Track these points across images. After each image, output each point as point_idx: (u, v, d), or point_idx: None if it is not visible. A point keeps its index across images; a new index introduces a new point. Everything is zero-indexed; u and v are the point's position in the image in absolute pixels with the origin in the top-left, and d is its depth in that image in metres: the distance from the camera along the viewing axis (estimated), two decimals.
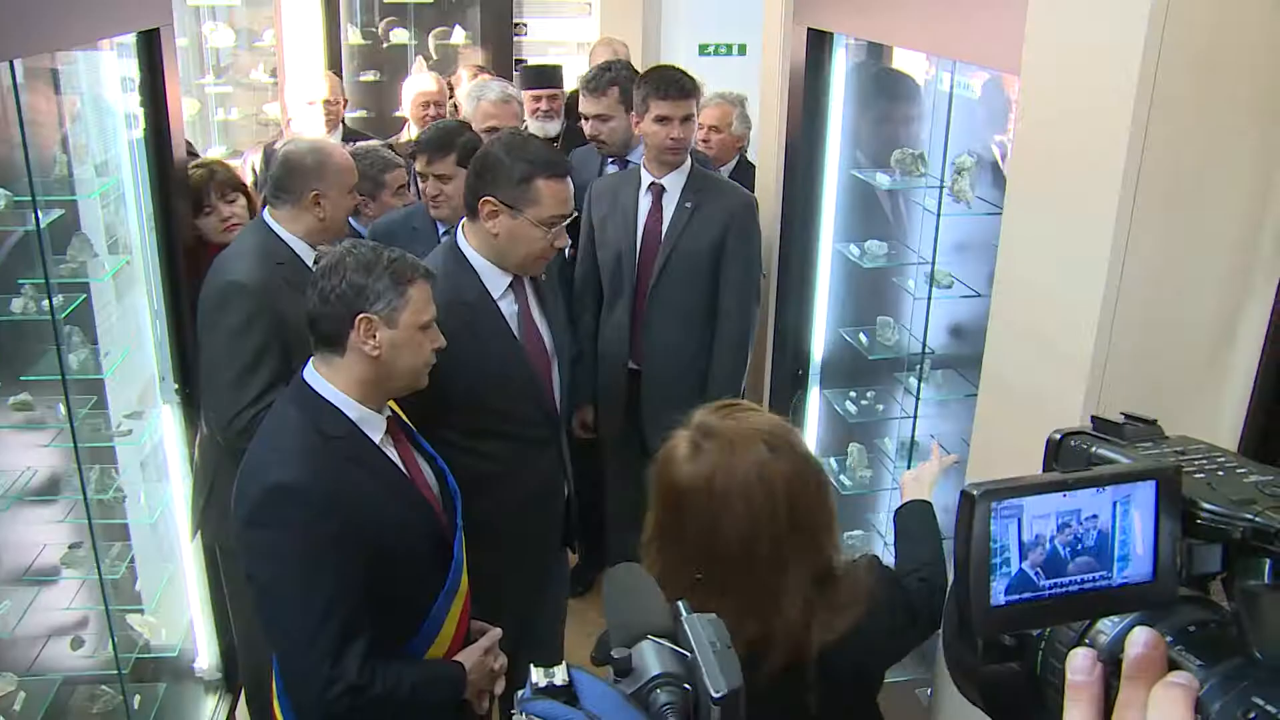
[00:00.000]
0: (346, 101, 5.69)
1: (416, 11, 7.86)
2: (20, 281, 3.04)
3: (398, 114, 6.51)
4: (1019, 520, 0.74)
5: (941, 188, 3.14)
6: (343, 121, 5.35)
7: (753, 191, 4.08)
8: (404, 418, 2.47)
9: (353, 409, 2.22)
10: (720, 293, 3.73)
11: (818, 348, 4.08)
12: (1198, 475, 0.81)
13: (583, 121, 4.21)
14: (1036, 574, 0.75)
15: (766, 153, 4.19)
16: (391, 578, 2.20)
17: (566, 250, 3.32)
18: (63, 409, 3.12)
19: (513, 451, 2.86)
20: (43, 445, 3.27)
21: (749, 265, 3.76)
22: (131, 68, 3.44)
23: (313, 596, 2.06)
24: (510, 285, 2.80)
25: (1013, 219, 1.96)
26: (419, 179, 3.71)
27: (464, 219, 2.81)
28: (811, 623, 1.71)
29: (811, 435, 4.19)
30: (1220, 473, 0.81)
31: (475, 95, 4.09)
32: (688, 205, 3.70)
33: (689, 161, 3.77)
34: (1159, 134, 1.57)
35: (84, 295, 3.27)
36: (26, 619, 3.14)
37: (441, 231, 3.62)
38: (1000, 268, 2.01)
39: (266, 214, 3.17)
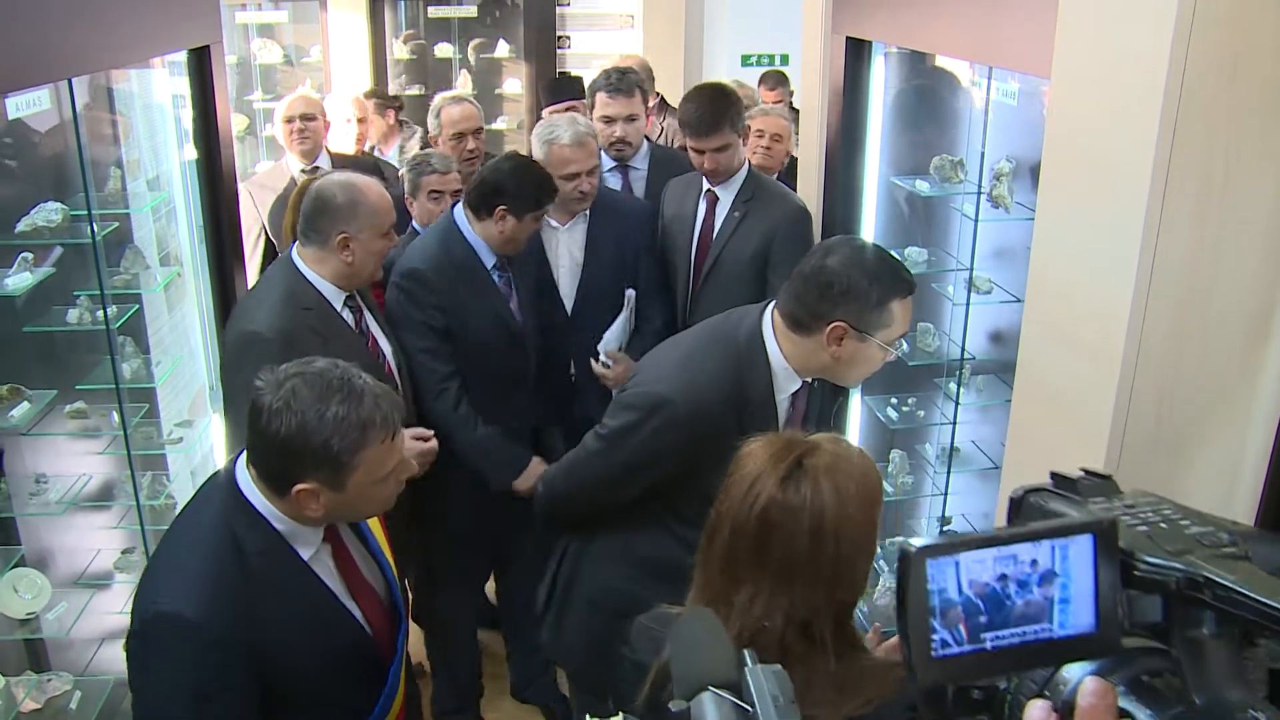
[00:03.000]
0: (330, 124, 5.09)
1: (461, 26, 7.97)
2: (76, 293, 3.12)
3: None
4: (957, 575, 0.77)
5: (979, 193, 3.14)
6: (326, 148, 4.90)
7: None
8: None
9: (281, 522, 1.93)
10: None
11: None
12: (1139, 528, 0.82)
13: (600, 124, 4.06)
14: (969, 628, 0.77)
15: (807, 161, 4.20)
16: (304, 703, 1.99)
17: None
18: (116, 417, 3.20)
19: None
20: (97, 453, 3.35)
21: None
22: (182, 85, 3.53)
23: None
24: (796, 390, 2.57)
25: (1045, 221, 1.97)
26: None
27: (770, 314, 2.53)
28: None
29: (854, 443, 4.18)
30: (1163, 525, 0.83)
31: (545, 139, 3.60)
32: (735, 215, 3.72)
33: (745, 170, 3.79)
34: (1187, 135, 1.58)
35: (136, 306, 3.35)
36: (81, 622, 3.22)
37: (490, 264, 3.44)
38: (1033, 269, 2.02)
39: (295, 252, 2.97)
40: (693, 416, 2.42)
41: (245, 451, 1.95)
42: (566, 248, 3.71)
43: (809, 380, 2.57)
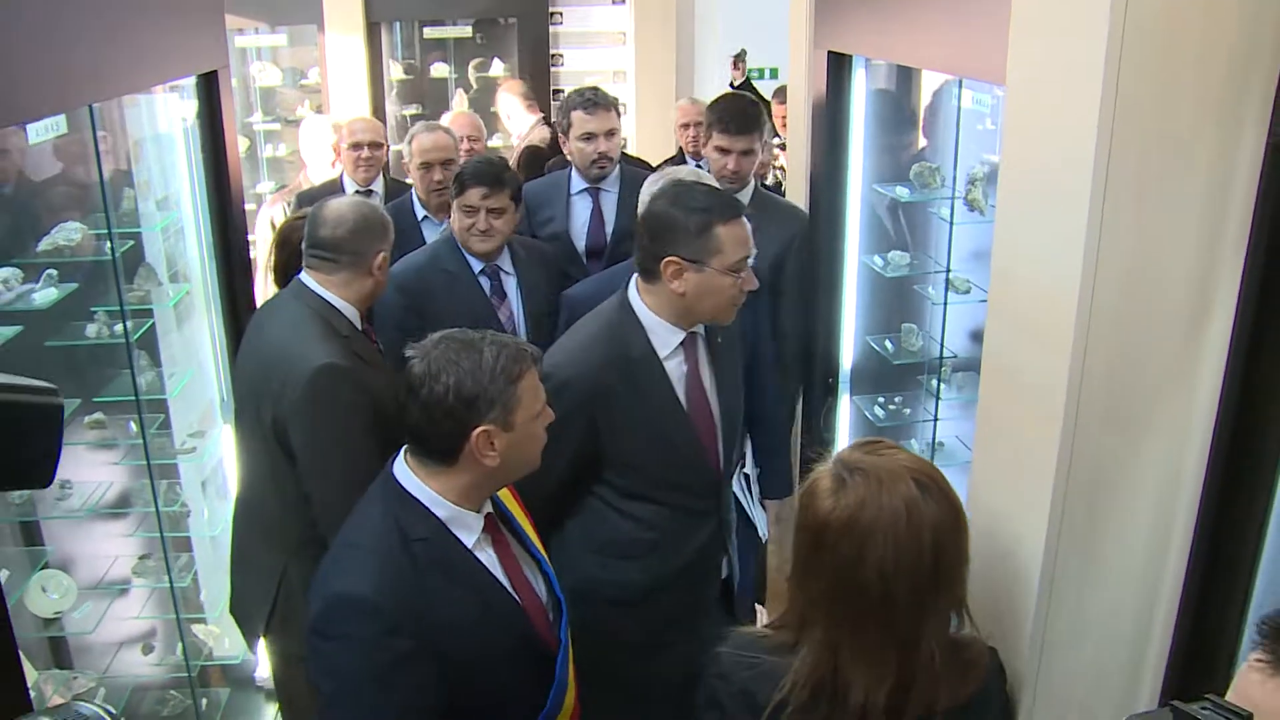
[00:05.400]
0: (388, 146, 5.17)
1: (456, 45, 8.12)
2: (93, 309, 3.26)
3: None
4: None
5: (953, 198, 3.29)
6: (385, 170, 4.89)
7: None
8: (514, 509, 2.25)
9: (443, 508, 2.00)
10: (777, 313, 3.69)
11: (847, 355, 4.21)
12: None
13: (581, 143, 4.02)
14: None
15: (794, 170, 4.34)
16: (477, 696, 2.01)
17: None
18: (134, 427, 3.34)
19: (669, 519, 2.67)
20: (113, 463, 3.49)
21: (805, 286, 3.73)
22: (190, 108, 3.68)
23: (378, 717, 1.90)
24: (681, 344, 2.63)
25: (1003, 218, 2.11)
26: (464, 213, 3.51)
27: (634, 278, 2.64)
28: (942, 673, 1.70)
29: (843, 441, 4.31)
30: None
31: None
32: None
33: (753, 183, 3.84)
34: (1124, 138, 1.72)
35: (150, 321, 3.49)
36: (101, 626, 3.34)
37: (478, 270, 3.58)
38: (994, 264, 2.16)
39: (310, 280, 2.86)
40: (570, 382, 2.49)
41: (399, 453, 2.05)
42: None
43: (698, 332, 2.65)
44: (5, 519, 3.22)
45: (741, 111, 3.73)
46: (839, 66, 3.82)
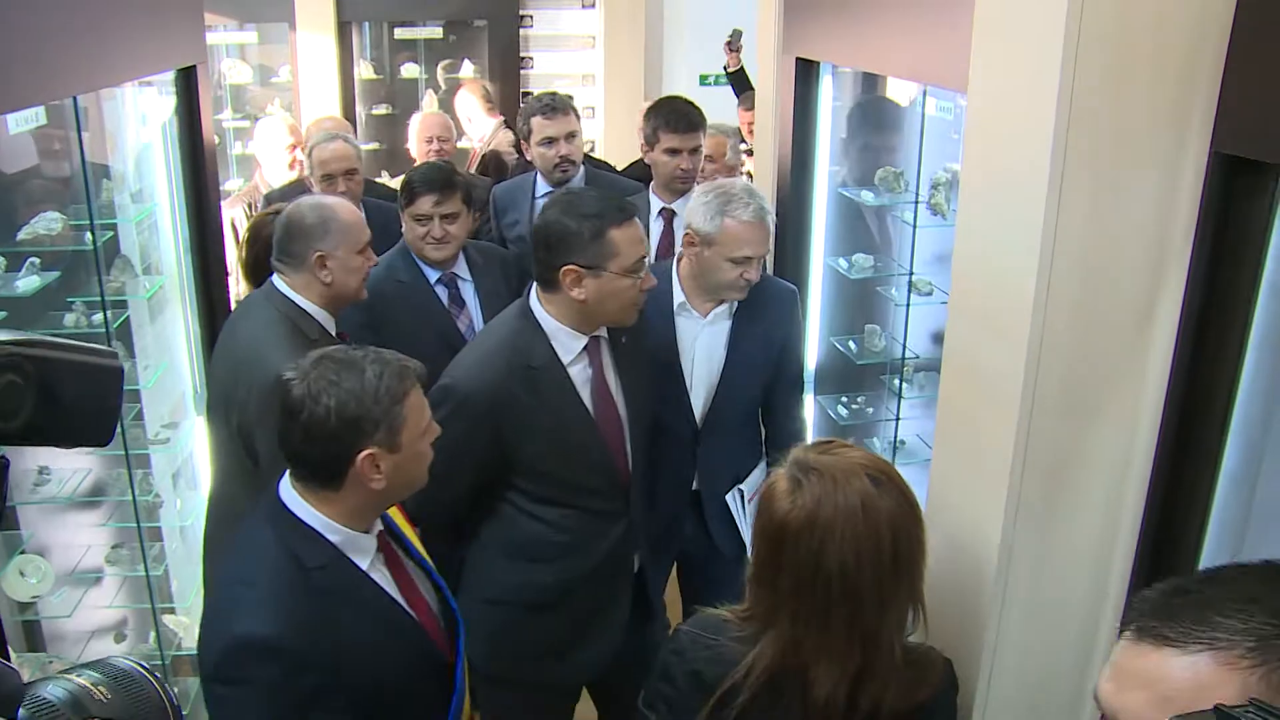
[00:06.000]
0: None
1: (426, 46, 8.16)
2: (70, 299, 3.29)
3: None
4: None
5: (917, 202, 3.39)
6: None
7: None
8: (400, 522, 2.23)
9: (336, 533, 1.93)
10: None
11: (811, 356, 4.30)
12: None
13: (542, 148, 4.07)
14: None
15: (761, 174, 4.43)
16: (382, 716, 1.97)
17: None
18: None
19: (579, 522, 2.69)
20: (86, 452, 3.51)
21: None
22: (166, 102, 3.71)
23: None
24: (585, 349, 2.64)
25: (965, 220, 2.21)
26: (417, 222, 3.49)
27: (533, 286, 2.65)
28: (898, 671, 1.77)
29: (808, 440, 4.39)
30: None
31: (718, 210, 2.97)
32: None
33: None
34: (1078, 142, 1.81)
35: (126, 313, 3.52)
36: (75, 616, 3.36)
37: (434, 279, 3.57)
38: (955, 264, 2.26)
39: (279, 282, 2.92)
40: (475, 394, 2.52)
41: (284, 474, 1.98)
42: (706, 346, 3.15)
43: (601, 336, 2.67)
44: None
45: (686, 112, 3.82)
46: (806, 73, 3.91)
